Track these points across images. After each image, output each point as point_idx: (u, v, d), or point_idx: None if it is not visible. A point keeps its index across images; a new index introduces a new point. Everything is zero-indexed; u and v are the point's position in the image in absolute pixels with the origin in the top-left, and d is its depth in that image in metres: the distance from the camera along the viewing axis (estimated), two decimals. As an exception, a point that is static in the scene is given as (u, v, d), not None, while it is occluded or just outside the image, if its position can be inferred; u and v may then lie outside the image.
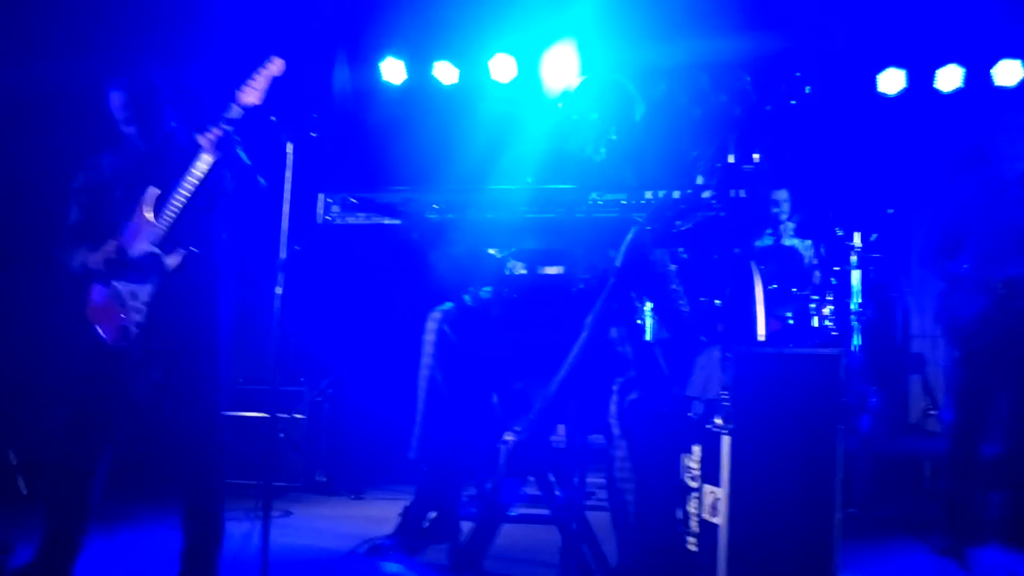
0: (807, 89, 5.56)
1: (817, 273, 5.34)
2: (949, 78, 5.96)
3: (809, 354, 3.03)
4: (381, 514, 4.66)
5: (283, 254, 2.72)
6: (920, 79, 6.02)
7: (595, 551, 2.83)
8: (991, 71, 5.91)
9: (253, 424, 5.13)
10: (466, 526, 2.92)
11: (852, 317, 4.95)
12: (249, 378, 5.36)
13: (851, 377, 4.89)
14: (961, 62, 5.94)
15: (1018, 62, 5.86)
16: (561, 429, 2.87)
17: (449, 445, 2.93)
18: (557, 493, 2.63)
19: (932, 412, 5.34)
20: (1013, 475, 4.20)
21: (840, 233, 5.12)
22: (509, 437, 2.37)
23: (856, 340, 4.97)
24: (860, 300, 5.05)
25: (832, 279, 5.15)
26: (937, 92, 6.01)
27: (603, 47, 5.72)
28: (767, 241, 5.36)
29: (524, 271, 2.72)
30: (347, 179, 5.54)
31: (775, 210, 5.42)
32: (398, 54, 6.28)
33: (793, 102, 5.66)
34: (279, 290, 2.80)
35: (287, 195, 2.60)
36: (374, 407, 5.70)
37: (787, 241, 5.44)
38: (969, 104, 5.83)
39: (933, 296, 4.42)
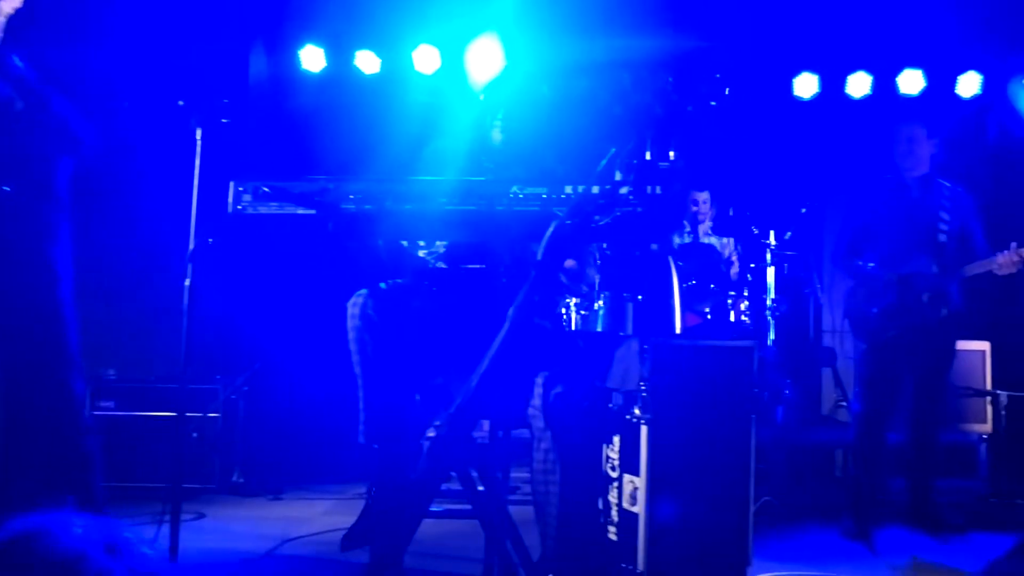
0: (727, 91, 5.71)
1: (735, 269, 5.49)
2: (859, 84, 6.16)
3: (724, 347, 3.12)
4: (301, 514, 4.62)
5: (192, 245, 2.66)
6: (832, 84, 6.20)
7: (518, 545, 2.86)
8: (896, 79, 6.13)
9: (161, 424, 4.95)
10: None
11: (767, 312, 5.10)
12: (161, 376, 5.20)
13: (766, 370, 5.04)
14: (869, 70, 6.15)
15: (920, 72, 6.09)
16: (484, 424, 2.89)
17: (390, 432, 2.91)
18: (480, 488, 2.65)
19: (842, 403, 5.53)
20: (916, 461, 4.39)
21: (756, 231, 5.26)
22: (430, 433, 2.38)
23: (771, 334, 5.12)
24: (775, 296, 5.20)
25: (748, 275, 5.30)
26: (848, 97, 6.20)
27: (527, 42, 5.75)
28: (687, 238, 5.48)
29: (443, 264, 2.73)
30: (262, 167, 5.46)
31: (695, 208, 5.56)
32: (318, 42, 6.15)
33: (713, 103, 5.81)
34: (188, 282, 2.74)
35: (196, 183, 2.55)
36: (293, 404, 5.62)
37: (706, 239, 5.57)
38: (877, 110, 6.03)
39: (842, 292, 4.59)
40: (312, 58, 6.16)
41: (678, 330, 3.96)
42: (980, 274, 4.21)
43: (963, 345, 4.90)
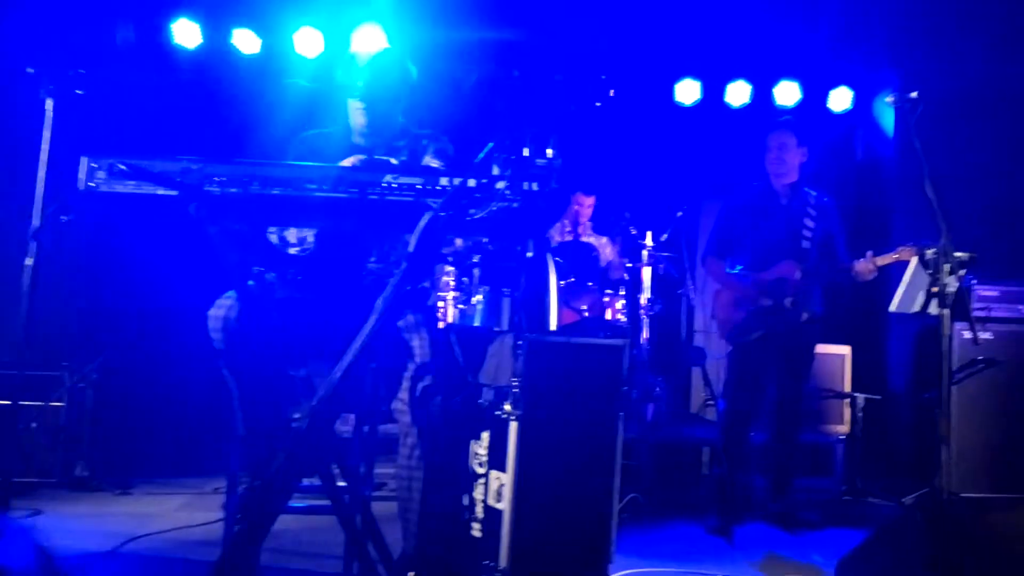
0: (612, 92, 5.78)
1: (616, 267, 5.57)
2: (738, 93, 6.31)
3: (595, 344, 3.13)
4: (151, 510, 4.37)
5: (36, 221, 2.49)
6: (713, 92, 6.34)
7: (378, 542, 2.80)
8: (773, 90, 6.33)
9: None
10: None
11: (642, 311, 5.18)
12: (-1, 362, 4.80)
13: (638, 368, 5.13)
14: (749, 79, 6.31)
15: (796, 84, 6.30)
16: (349, 418, 2.83)
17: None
18: (341, 484, 2.58)
19: (710, 402, 5.68)
20: (776, 460, 4.55)
21: (634, 232, 5.34)
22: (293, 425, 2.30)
23: (645, 333, 5.20)
24: (650, 296, 5.29)
25: (625, 275, 5.37)
26: (727, 106, 6.36)
27: (411, 32, 5.67)
28: (567, 236, 5.53)
29: (312, 253, 2.65)
30: (125, 145, 5.16)
31: (577, 208, 5.61)
32: (193, 16, 5.87)
33: (598, 104, 5.87)
34: (30, 261, 2.56)
35: (44, 156, 2.38)
36: (149, 394, 5.34)
37: (586, 238, 5.63)
38: (754, 119, 6.20)
39: (711, 294, 4.71)
40: (186, 33, 5.86)
41: (554, 327, 3.98)
42: (841, 281, 4.38)
43: (824, 349, 5.09)
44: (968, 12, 5.78)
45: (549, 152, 3.02)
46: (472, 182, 2.75)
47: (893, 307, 4.19)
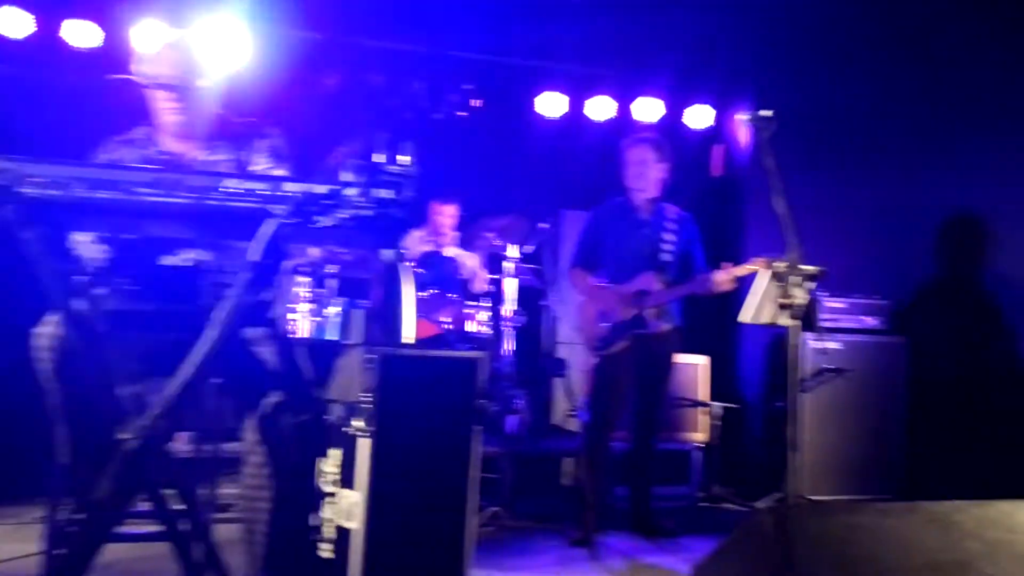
0: (476, 102, 5.76)
1: (479, 281, 5.53)
2: (601, 108, 6.39)
3: (450, 357, 3.08)
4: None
5: None
6: (576, 105, 6.40)
7: (219, 569, 2.65)
8: (631, 106, 6.44)
9: None
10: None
11: (505, 323, 5.15)
12: None
13: (501, 381, 5.10)
14: (612, 95, 6.40)
15: (657, 100, 6.43)
16: (187, 437, 2.67)
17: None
18: (176, 507, 2.43)
19: (572, 413, 5.71)
20: (636, 469, 4.61)
21: (498, 243, 5.32)
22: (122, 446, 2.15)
23: (508, 345, 5.18)
24: (513, 308, 5.28)
25: (488, 287, 5.34)
26: (590, 120, 6.42)
27: (275, 34, 5.49)
28: (428, 247, 5.46)
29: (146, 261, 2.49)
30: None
31: (439, 218, 5.55)
32: (24, 4, 5.44)
33: (462, 113, 5.84)
34: None
35: None
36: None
37: (448, 249, 5.57)
38: (616, 134, 6.28)
39: (575, 306, 4.73)
40: (15, 21, 5.38)
41: (413, 339, 3.89)
42: (700, 292, 4.47)
43: (682, 359, 5.19)
44: (819, 33, 6.03)
45: (404, 159, 2.95)
46: (321, 188, 2.65)
47: (744, 318, 4.30)
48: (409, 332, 3.06)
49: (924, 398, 5.57)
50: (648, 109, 6.41)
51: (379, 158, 2.85)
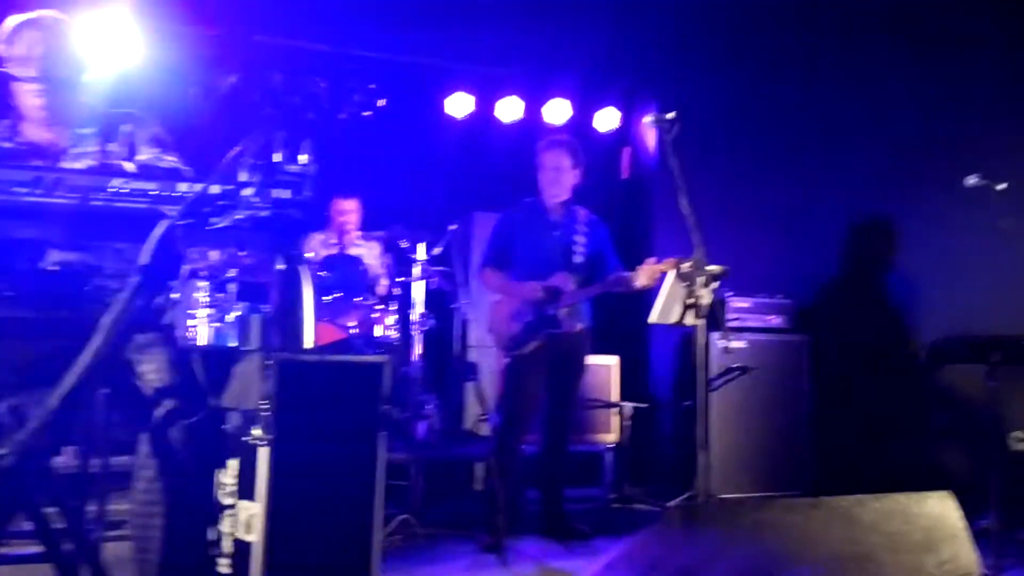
0: (382, 102, 5.65)
1: (383, 282, 5.43)
2: (509, 109, 6.37)
3: (353, 362, 3.00)
4: None
5: None
6: (485, 106, 6.36)
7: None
8: (541, 108, 6.44)
9: None
10: None
11: (414, 327, 5.08)
12: None
13: (410, 386, 5.02)
14: (521, 96, 6.39)
15: (566, 102, 6.44)
16: (71, 452, 2.53)
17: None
18: (58, 526, 2.29)
19: (484, 418, 5.66)
20: (548, 472, 4.58)
21: (405, 245, 5.24)
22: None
23: (417, 349, 5.11)
24: (422, 311, 5.20)
25: (396, 289, 5.26)
26: (499, 121, 6.40)
27: (168, 29, 5.30)
28: (332, 249, 5.34)
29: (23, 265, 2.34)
30: None
31: (341, 218, 5.44)
32: None
33: (367, 113, 5.72)
34: None
35: None
36: None
37: (353, 250, 5.47)
38: (527, 135, 6.27)
39: (487, 308, 4.68)
40: None
41: (314, 344, 3.79)
42: (617, 291, 4.47)
43: (593, 360, 5.20)
44: (725, 37, 6.13)
45: (303, 158, 2.86)
46: (216, 188, 2.55)
47: (652, 318, 4.32)
48: (309, 337, 2.96)
49: (827, 395, 5.71)
50: (557, 111, 6.42)
51: (277, 158, 2.77)
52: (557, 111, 6.43)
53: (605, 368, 5.58)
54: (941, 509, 3.03)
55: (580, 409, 5.08)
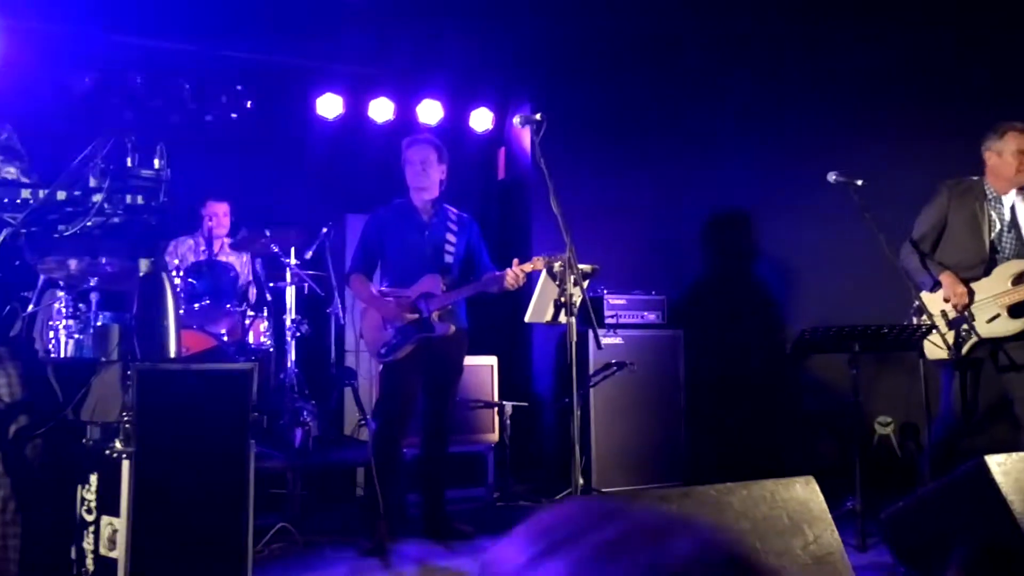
0: (248, 104, 5.54)
1: (253, 289, 5.30)
2: (381, 110, 6.33)
3: (218, 370, 2.92)
4: None
5: None
6: (356, 107, 6.30)
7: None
8: (414, 108, 6.42)
9: None
10: None
11: (288, 333, 4.98)
12: None
13: (286, 393, 4.93)
14: (393, 97, 6.35)
15: (438, 103, 6.44)
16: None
17: None
18: None
19: (363, 422, 5.60)
20: (428, 474, 4.57)
21: (276, 249, 5.13)
22: None
23: (292, 355, 5.01)
24: (296, 316, 5.11)
25: (268, 295, 5.15)
26: (372, 121, 6.34)
27: (17, 27, 5.03)
28: (201, 255, 5.19)
29: None
30: None
31: (210, 223, 5.29)
32: None
33: (234, 115, 5.60)
34: None
35: None
36: None
37: (223, 256, 5.32)
38: (400, 136, 6.24)
39: (359, 312, 4.64)
40: None
41: (183, 353, 3.67)
42: (489, 292, 4.48)
43: (472, 360, 5.21)
44: (595, 39, 6.24)
45: (158, 163, 2.78)
46: (62, 195, 2.44)
47: (527, 317, 4.36)
48: (174, 345, 2.87)
49: (702, 387, 5.88)
50: (430, 111, 6.42)
51: (130, 163, 2.68)
52: (430, 111, 6.42)
53: (485, 368, 5.60)
54: (805, 494, 3.16)
55: (460, 410, 5.08)
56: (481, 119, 6.61)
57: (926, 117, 5.85)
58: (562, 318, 4.02)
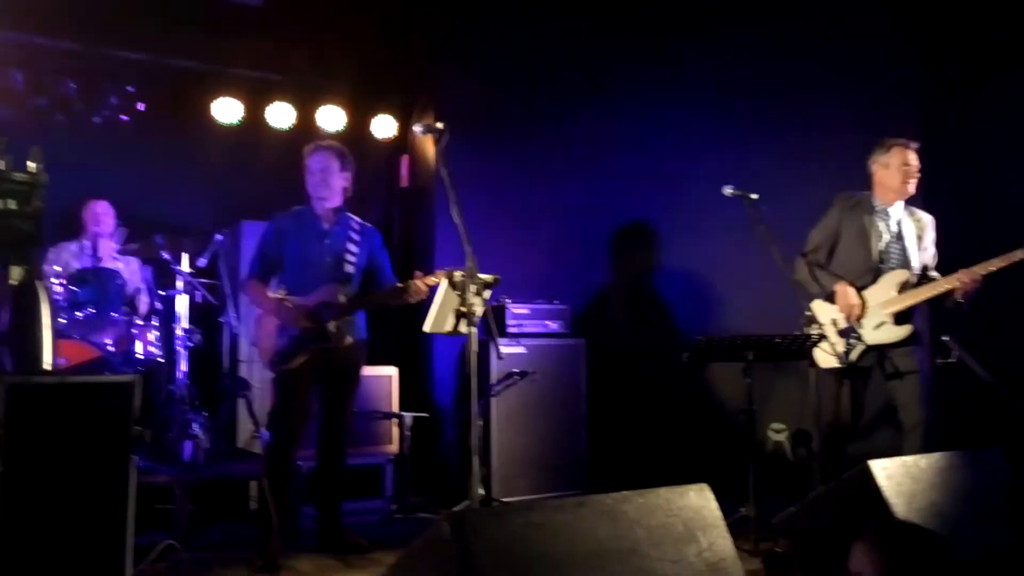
0: (141, 106, 5.35)
1: (144, 297, 5.12)
2: (281, 115, 6.19)
3: (97, 382, 2.79)
4: None
5: None
6: (254, 112, 6.15)
7: None
8: (314, 114, 6.31)
9: None
10: None
11: (179, 343, 4.81)
12: None
13: (176, 405, 4.76)
14: (293, 102, 6.22)
15: (339, 109, 6.33)
16: None
17: None
18: None
19: (256, 435, 5.45)
20: (324, 487, 4.47)
21: (167, 256, 4.95)
22: None
23: (183, 366, 4.84)
24: (187, 325, 4.94)
25: (158, 304, 4.97)
26: (271, 127, 6.20)
27: None
28: (86, 261, 4.98)
29: None
30: None
31: (96, 228, 5.08)
32: None
33: (125, 117, 5.39)
34: None
35: None
36: None
37: (111, 263, 5.11)
38: (300, 142, 6.10)
39: (254, 320, 4.51)
40: None
41: (65, 364, 3.51)
42: (391, 303, 4.40)
43: (371, 371, 5.13)
44: (497, 46, 6.25)
45: (33, 167, 2.64)
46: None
47: (426, 328, 4.31)
48: (48, 357, 2.73)
49: (603, 395, 5.92)
50: (332, 117, 6.31)
51: (4, 165, 2.54)
52: (331, 117, 6.31)
53: (384, 379, 5.52)
54: (700, 501, 3.20)
55: (358, 421, 4.99)
56: (384, 126, 6.53)
57: (821, 133, 6.04)
58: (462, 328, 3.99)
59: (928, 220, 4.70)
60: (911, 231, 4.63)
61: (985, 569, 3.28)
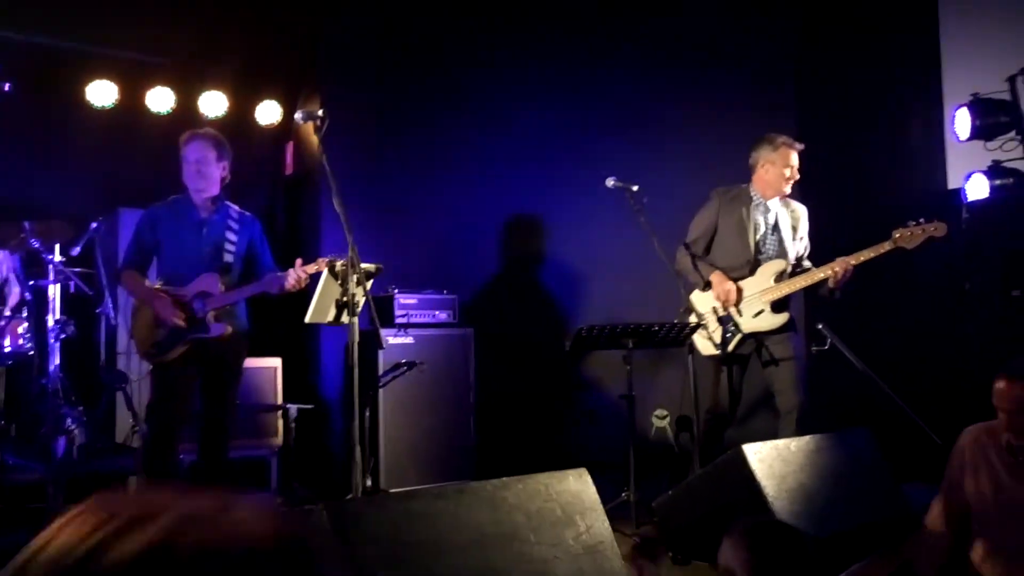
0: (7, 86, 5.12)
1: (13, 288, 4.92)
2: (160, 99, 6.01)
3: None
4: None
5: None
6: (131, 96, 5.95)
7: None
8: (196, 99, 6.14)
9: None
10: None
11: (51, 335, 4.63)
12: None
13: (48, 400, 4.59)
14: (173, 86, 6.04)
15: (222, 94, 6.17)
16: None
17: None
18: None
19: (136, 429, 5.30)
20: (205, 481, 4.37)
21: (37, 245, 4.76)
22: None
23: (56, 359, 4.67)
24: (60, 317, 4.76)
25: (27, 294, 4.78)
26: (150, 111, 6.01)
27: None
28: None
29: None
30: None
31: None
32: None
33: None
34: None
35: None
36: None
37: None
38: (181, 127, 5.93)
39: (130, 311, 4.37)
40: None
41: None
42: (270, 292, 4.33)
43: (254, 362, 5.04)
44: (388, 36, 6.20)
45: None
46: None
47: (308, 318, 4.27)
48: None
49: (490, 384, 5.97)
50: (214, 103, 6.15)
51: None
52: (213, 103, 6.14)
53: (268, 370, 5.44)
54: (578, 485, 3.28)
55: (241, 413, 4.90)
56: (268, 112, 6.40)
57: (700, 126, 6.21)
58: (344, 318, 3.97)
59: (802, 211, 4.89)
60: (787, 222, 4.81)
61: (843, 544, 3.46)
